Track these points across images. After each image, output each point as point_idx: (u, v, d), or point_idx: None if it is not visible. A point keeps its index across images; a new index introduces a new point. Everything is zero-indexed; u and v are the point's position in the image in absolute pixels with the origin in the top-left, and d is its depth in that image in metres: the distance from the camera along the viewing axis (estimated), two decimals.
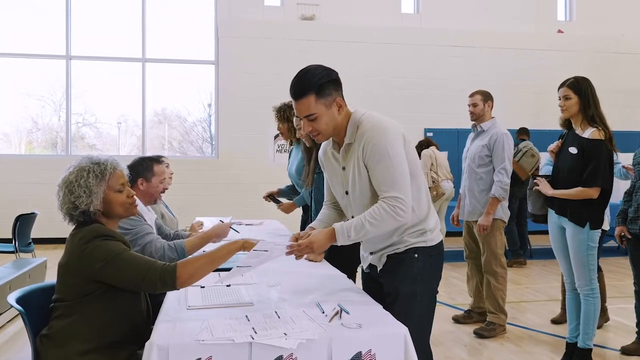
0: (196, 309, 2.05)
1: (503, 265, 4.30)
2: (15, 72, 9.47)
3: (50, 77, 9.55)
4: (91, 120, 10.18)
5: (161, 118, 10.68)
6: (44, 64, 9.48)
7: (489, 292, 4.31)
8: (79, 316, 1.98)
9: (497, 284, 4.27)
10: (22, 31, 9.34)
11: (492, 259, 4.26)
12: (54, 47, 9.34)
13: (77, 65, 9.52)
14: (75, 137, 10.12)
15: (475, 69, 10.08)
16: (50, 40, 9.33)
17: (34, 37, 9.34)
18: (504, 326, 4.33)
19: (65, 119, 9.50)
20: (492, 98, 4.37)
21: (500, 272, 4.27)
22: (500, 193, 4.11)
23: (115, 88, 9.78)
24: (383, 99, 9.81)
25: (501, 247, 4.30)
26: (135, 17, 9.54)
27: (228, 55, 9.52)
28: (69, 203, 2.02)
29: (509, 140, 4.21)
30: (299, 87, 2.09)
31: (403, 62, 10.04)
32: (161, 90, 10.02)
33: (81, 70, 9.61)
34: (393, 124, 2.16)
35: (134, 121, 10.18)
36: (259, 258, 2.00)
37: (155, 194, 3.18)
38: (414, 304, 2.19)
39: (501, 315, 4.30)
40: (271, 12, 9.78)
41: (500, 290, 4.28)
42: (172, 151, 10.55)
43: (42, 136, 10.02)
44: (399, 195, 2.04)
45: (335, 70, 2.17)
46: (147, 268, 1.94)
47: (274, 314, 1.95)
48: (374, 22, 10.00)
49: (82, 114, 10.10)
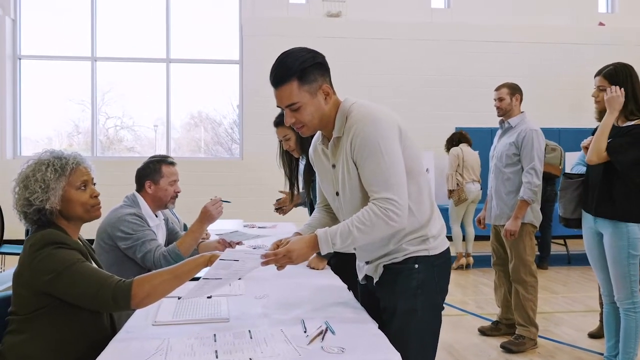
0: (163, 325, 1.81)
1: (533, 273, 3.92)
2: (57, 76, 9.50)
3: (89, 81, 9.58)
4: (129, 123, 10.17)
5: (197, 121, 10.60)
6: (83, 67, 9.48)
7: (517, 303, 3.94)
8: (32, 333, 1.76)
9: (527, 293, 3.90)
10: (54, 34, 9.39)
11: (521, 267, 3.89)
12: (80, 49, 9.34)
13: (114, 68, 9.53)
14: (114, 139, 10.11)
15: (509, 64, 9.60)
16: (77, 42, 9.34)
17: (61, 39, 9.38)
18: (534, 340, 3.95)
19: (90, 121, 9.49)
20: (520, 91, 4.00)
21: (530, 281, 3.90)
22: (529, 195, 3.74)
23: (151, 91, 9.72)
24: (412, 97, 9.45)
25: (531, 253, 3.92)
26: (159, 17, 9.46)
27: (252, 54, 9.33)
28: (23, 200, 1.79)
29: (540, 137, 3.82)
30: (279, 72, 1.82)
31: (433, 59, 9.65)
32: (195, 92, 9.95)
33: (119, 74, 9.61)
34: (387, 114, 1.85)
35: (171, 123, 10.15)
36: (230, 269, 1.73)
37: (165, 198, 2.93)
38: (413, 322, 1.87)
39: (531, 328, 3.92)
40: (296, 10, 9.55)
41: (530, 301, 3.90)
42: (202, 153, 10.43)
43: (82, 139, 10.05)
44: (392, 197, 1.74)
45: (321, 54, 1.89)
46: (99, 284, 1.70)
47: (247, 333, 1.68)
48: (403, 18, 9.65)
49: (120, 117, 10.12)
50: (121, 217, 2.73)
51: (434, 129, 8.81)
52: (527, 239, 3.87)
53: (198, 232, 2.78)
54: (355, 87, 9.46)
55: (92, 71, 9.34)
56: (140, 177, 2.92)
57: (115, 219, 2.74)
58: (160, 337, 1.66)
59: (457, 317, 4.89)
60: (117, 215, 2.75)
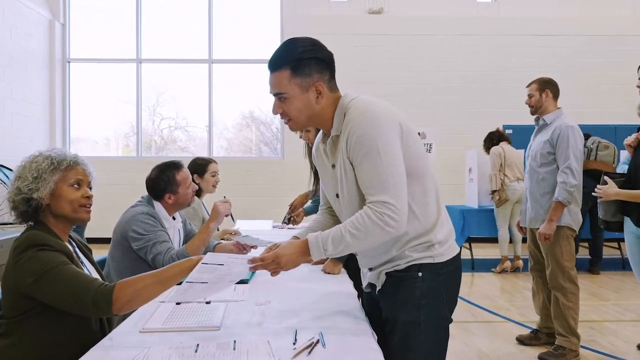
0: (150, 332, 1.73)
1: (572, 279, 3.66)
2: (106, 78, 9.79)
3: (146, 83, 9.83)
4: (182, 124, 10.35)
5: (249, 121, 10.68)
6: (130, 69, 9.70)
7: (557, 311, 3.69)
8: (20, 337, 1.72)
9: (567, 301, 3.64)
10: (101, 37, 9.65)
11: (559, 272, 3.64)
12: (126, 51, 9.56)
13: (166, 70, 9.76)
14: (168, 140, 10.34)
15: (560, 59, 9.17)
16: (123, 44, 9.57)
17: (108, 41, 9.63)
18: (575, 351, 3.68)
19: (136, 122, 9.70)
20: (551, 86, 3.75)
21: (569, 287, 3.64)
22: (564, 196, 3.48)
23: (202, 92, 9.84)
24: (457, 94, 9.18)
25: (569, 258, 3.66)
26: (202, 18, 9.56)
27: None
28: (16, 189, 1.77)
29: (575, 134, 3.55)
30: (275, 57, 1.71)
31: (479, 54, 9.33)
32: (244, 93, 10.03)
33: (171, 75, 9.82)
34: (387, 110, 1.71)
35: (224, 124, 10.33)
36: (214, 273, 1.64)
37: (185, 202, 2.89)
38: (416, 335, 1.72)
39: (572, 338, 3.66)
40: (337, 7, 9.44)
41: (570, 309, 3.64)
42: (252, 153, 10.53)
43: (138, 139, 10.32)
44: (388, 200, 1.60)
45: (328, 51, 1.75)
46: (80, 289, 1.64)
47: (231, 344, 1.59)
48: (447, 13, 9.37)
49: (174, 117, 10.31)
50: (134, 215, 2.69)
51: (479, 127, 8.49)
52: (564, 243, 3.61)
53: (205, 234, 2.71)
54: (395, 84, 9.28)
55: (137, 73, 9.54)
56: (156, 190, 2.83)
57: (129, 217, 2.71)
58: (141, 346, 1.59)
59: (496, 324, 4.66)
60: (131, 214, 2.72)
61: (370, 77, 9.10)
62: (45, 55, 8.99)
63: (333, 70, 1.77)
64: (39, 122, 8.84)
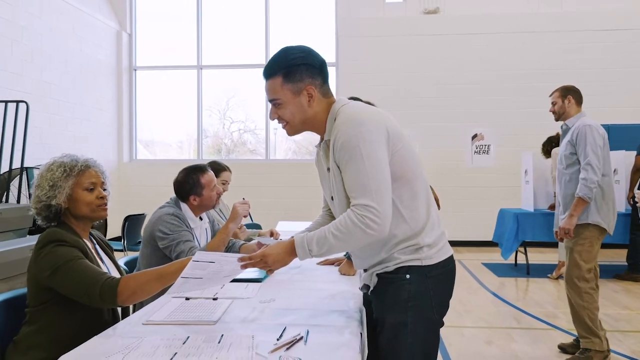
0: (152, 325, 1.85)
1: (587, 279, 3.63)
2: (171, 84, 10.28)
3: (216, 88, 10.26)
4: (251, 127, 10.67)
5: None
6: (206, 76, 10.09)
7: (574, 314, 3.69)
8: (40, 325, 1.91)
9: (582, 301, 3.62)
10: (164, 45, 10.12)
11: (574, 269, 3.62)
12: (187, 58, 9.96)
13: (235, 74, 10.12)
14: (238, 143, 10.69)
15: (629, 54, 8.70)
16: (184, 51, 9.98)
17: (171, 49, 10.08)
18: (602, 352, 3.59)
19: (196, 126, 10.08)
20: (572, 92, 3.78)
21: (584, 287, 3.62)
22: (585, 192, 3.49)
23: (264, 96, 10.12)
24: (517, 94, 8.92)
25: (588, 258, 3.61)
26: (258, 23, 9.81)
27: (348, 55, 9.34)
28: (36, 197, 1.97)
29: (594, 132, 3.57)
30: (268, 65, 1.82)
31: (539, 52, 9.01)
32: None
33: (242, 79, 10.18)
34: (375, 115, 1.74)
35: (270, 125, 10.51)
36: (207, 270, 1.73)
37: (210, 204, 3.03)
38: (402, 336, 1.74)
39: (594, 338, 3.60)
40: (392, 9, 9.40)
41: (585, 309, 3.61)
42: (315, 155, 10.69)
43: (210, 142, 10.74)
44: (370, 204, 1.63)
45: (320, 57, 1.83)
46: (90, 281, 1.80)
47: (217, 338, 1.68)
48: (505, 10, 9.12)
49: (243, 121, 10.66)
50: (161, 216, 2.86)
51: (535, 128, 8.22)
52: (586, 242, 3.60)
53: (225, 233, 2.82)
54: (450, 84, 9.13)
55: (197, 79, 9.93)
56: (182, 192, 2.97)
57: (156, 218, 2.87)
58: (137, 336, 1.71)
59: (541, 330, 4.52)
60: (158, 215, 2.88)
61: (428, 78, 9.01)
62: (112, 65, 9.53)
63: (325, 76, 1.84)
64: (107, 128, 9.38)
